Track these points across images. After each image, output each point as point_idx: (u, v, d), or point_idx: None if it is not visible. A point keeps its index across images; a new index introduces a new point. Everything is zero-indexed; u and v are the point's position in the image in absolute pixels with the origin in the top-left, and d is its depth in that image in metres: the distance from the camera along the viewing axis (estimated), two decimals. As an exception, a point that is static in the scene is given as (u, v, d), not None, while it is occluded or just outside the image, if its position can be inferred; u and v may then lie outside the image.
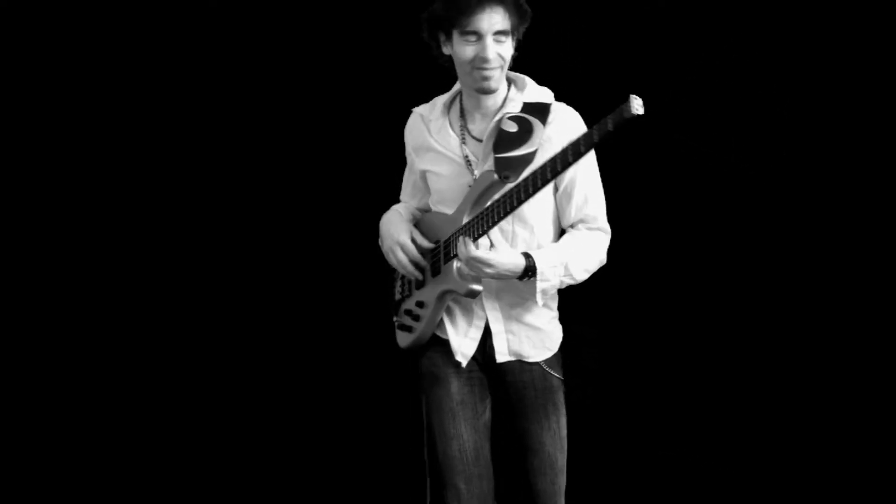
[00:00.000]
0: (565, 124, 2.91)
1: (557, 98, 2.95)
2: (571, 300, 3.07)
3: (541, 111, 2.90)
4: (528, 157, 2.84)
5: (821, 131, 4.05)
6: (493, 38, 2.80)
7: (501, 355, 2.94)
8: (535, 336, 2.95)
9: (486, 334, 2.94)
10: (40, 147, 4.25)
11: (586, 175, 2.94)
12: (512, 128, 2.87)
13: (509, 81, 2.93)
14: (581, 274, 2.89)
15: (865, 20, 4.01)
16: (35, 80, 4.22)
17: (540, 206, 2.90)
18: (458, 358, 2.94)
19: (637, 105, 2.59)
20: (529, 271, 2.82)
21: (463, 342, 2.95)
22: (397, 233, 2.97)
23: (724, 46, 4.08)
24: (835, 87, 4.05)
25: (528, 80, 2.95)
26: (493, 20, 2.79)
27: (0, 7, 4.19)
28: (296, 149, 4.29)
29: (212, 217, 4.31)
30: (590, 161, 2.94)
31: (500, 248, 2.89)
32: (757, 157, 4.00)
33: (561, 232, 2.96)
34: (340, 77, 4.25)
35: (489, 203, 2.81)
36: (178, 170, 4.29)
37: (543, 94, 2.95)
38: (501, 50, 2.82)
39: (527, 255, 2.83)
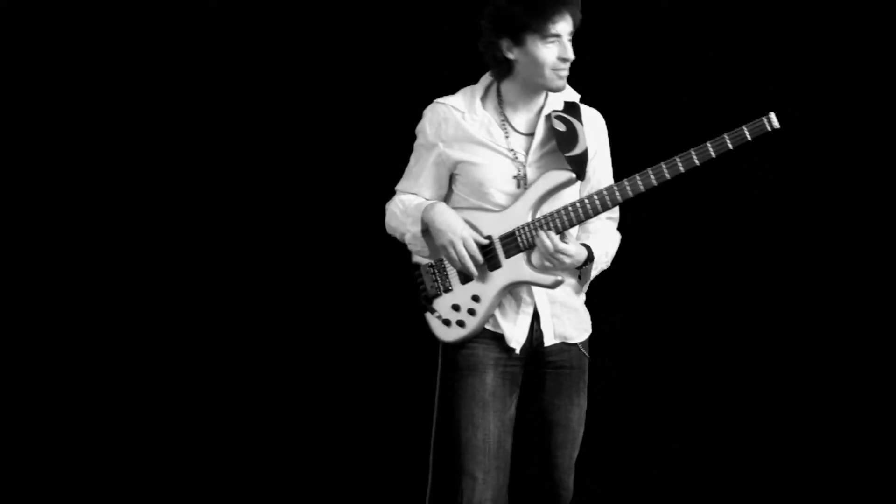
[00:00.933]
0: (594, 123, 3.06)
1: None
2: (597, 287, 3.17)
3: (575, 110, 3.02)
4: (584, 156, 2.96)
5: (820, 131, 4.11)
6: (568, 37, 2.90)
7: (549, 338, 3.02)
8: (575, 318, 3.07)
9: (532, 319, 3.01)
10: (40, 147, 4.22)
11: (608, 167, 3.11)
12: (561, 127, 2.96)
13: None
14: (610, 262, 3.08)
15: (865, 20, 4.08)
16: (35, 80, 4.19)
17: (572, 197, 3.00)
18: (513, 345, 2.99)
19: (775, 120, 2.79)
20: (588, 260, 2.97)
21: (514, 329, 3.00)
22: (459, 227, 2.95)
23: (728, 46, 4.14)
24: (834, 87, 4.12)
25: None
26: (570, 22, 2.89)
27: (0, 7, 4.16)
28: (295, 149, 4.28)
29: (210, 216, 4.29)
30: (608, 153, 3.10)
31: (570, 240, 2.99)
32: (765, 157, 4.00)
33: None
34: (340, 77, 4.26)
35: (577, 199, 2.91)
36: (178, 169, 4.27)
37: (572, 93, 3.06)
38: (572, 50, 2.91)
39: (586, 246, 2.98)
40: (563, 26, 2.87)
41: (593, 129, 3.05)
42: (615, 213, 3.14)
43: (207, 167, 4.28)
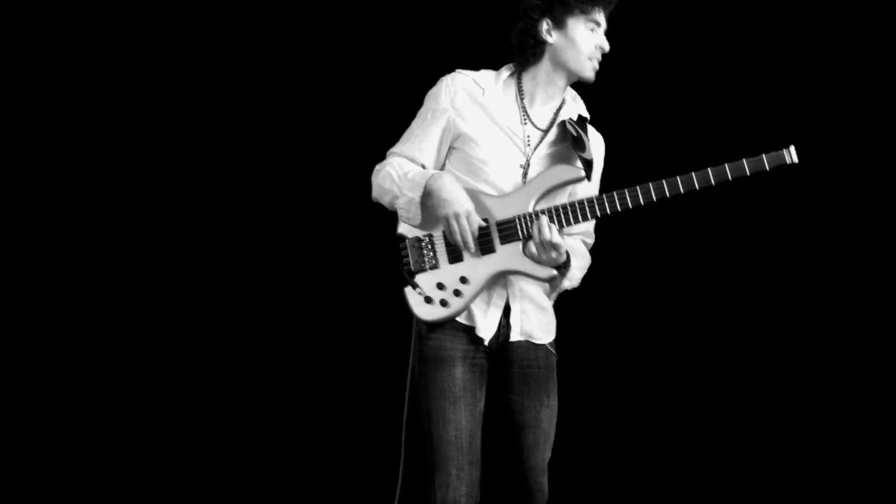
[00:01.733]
0: (597, 144, 3.09)
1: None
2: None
3: (584, 125, 3.03)
4: (591, 164, 2.94)
5: (820, 131, 4.09)
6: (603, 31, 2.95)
7: (515, 334, 3.00)
8: (542, 318, 3.05)
9: (502, 314, 2.99)
10: (39, 147, 4.22)
11: (597, 191, 3.09)
12: (574, 132, 2.96)
13: None
14: (579, 283, 3.07)
15: (865, 21, 4.10)
16: (35, 80, 4.20)
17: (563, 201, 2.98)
18: (482, 334, 2.95)
19: (794, 154, 2.83)
20: (564, 267, 2.95)
21: (485, 321, 2.97)
22: (466, 200, 2.88)
23: (725, 46, 4.15)
24: (835, 87, 4.13)
25: (576, 93, 3.10)
26: (606, 17, 2.96)
27: (0, 7, 4.17)
28: (294, 148, 4.29)
29: (207, 214, 4.31)
30: (599, 177, 3.11)
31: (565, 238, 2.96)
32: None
33: None
34: (339, 77, 4.27)
35: (587, 197, 2.90)
36: (177, 169, 4.28)
37: (585, 109, 3.09)
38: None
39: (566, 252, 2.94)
40: (603, 17, 2.94)
41: (596, 149, 3.07)
42: (591, 238, 3.14)
43: (204, 169, 4.30)
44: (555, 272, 2.91)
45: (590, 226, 3.12)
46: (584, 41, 2.93)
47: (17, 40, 4.19)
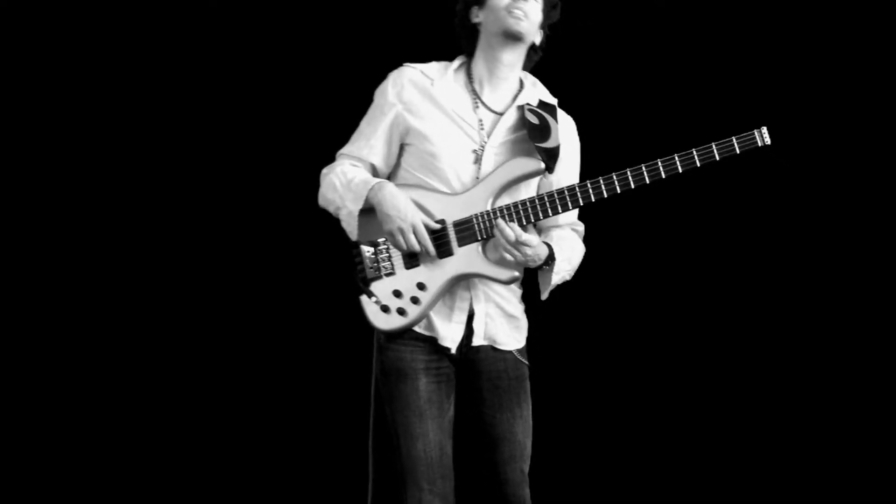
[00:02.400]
0: (568, 129, 2.99)
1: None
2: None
3: (551, 111, 2.93)
4: (556, 152, 2.85)
5: (819, 131, 4.06)
6: None
7: (478, 338, 2.90)
8: (508, 323, 2.95)
9: (468, 318, 2.90)
10: (39, 147, 4.23)
11: (576, 175, 3.01)
12: (534, 119, 2.86)
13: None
14: (573, 273, 2.97)
15: (865, 21, 4.06)
16: (35, 80, 4.20)
17: (529, 195, 2.90)
18: (447, 344, 2.87)
19: (766, 135, 2.71)
20: (548, 262, 2.85)
21: (450, 327, 2.88)
22: (411, 212, 2.80)
23: (724, 48, 4.10)
24: (835, 87, 4.08)
25: (536, 79, 3.01)
26: None
27: (0, 7, 4.19)
28: (293, 148, 4.22)
29: (204, 213, 4.28)
30: (577, 161, 3.01)
31: (532, 232, 2.87)
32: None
33: None
34: (339, 77, 4.20)
35: (545, 192, 2.81)
36: (176, 169, 4.26)
37: (549, 96, 2.99)
38: (533, 8, 2.86)
39: (548, 245, 2.86)
40: None
41: (566, 134, 2.97)
42: (580, 226, 3.04)
43: (204, 168, 4.28)
44: (516, 273, 2.81)
45: (571, 215, 3.00)
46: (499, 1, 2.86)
47: (17, 40, 4.20)
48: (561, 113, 2.97)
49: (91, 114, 4.24)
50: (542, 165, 2.81)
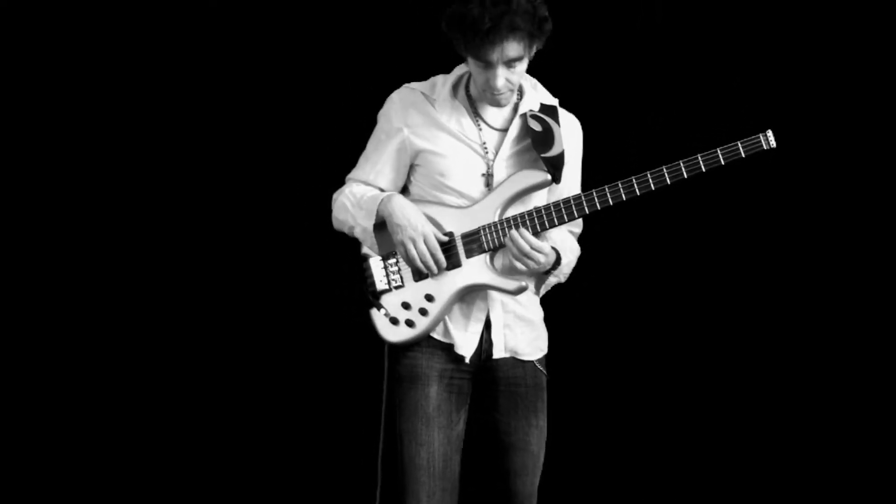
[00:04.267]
0: (571, 128, 2.95)
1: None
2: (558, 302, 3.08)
3: (552, 112, 2.89)
4: (561, 158, 2.83)
5: (818, 131, 4.05)
6: (505, 65, 2.73)
7: (499, 351, 2.87)
8: (530, 333, 2.93)
9: (484, 328, 2.87)
10: (38, 147, 4.22)
11: (577, 176, 2.99)
12: (537, 127, 2.83)
13: None
14: (567, 276, 2.96)
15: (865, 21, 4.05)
16: (35, 80, 4.19)
17: (539, 202, 2.88)
18: (462, 352, 2.84)
19: (772, 138, 2.69)
20: (556, 265, 2.84)
21: (465, 337, 2.86)
22: (420, 223, 2.80)
23: (724, 59, 4.09)
24: (835, 87, 4.07)
25: (536, 81, 2.96)
26: (506, 51, 2.70)
27: (0, 7, 4.18)
28: (292, 148, 4.25)
29: (203, 214, 4.28)
30: (579, 161, 2.98)
31: (544, 239, 2.84)
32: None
33: None
34: (338, 77, 4.22)
35: (555, 201, 2.79)
36: (175, 169, 4.26)
37: (549, 96, 2.95)
38: (512, 76, 2.75)
39: (554, 250, 2.83)
40: (495, 55, 2.69)
41: (569, 135, 2.94)
42: (578, 226, 3.03)
43: (203, 168, 4.27)
44: (524, 284, 2.79)
45: None
46: (477, 75, 2.77)
47: (17, 40, 4.20)
48: (562, 112, 2.93)
49: (92, 118, 4.23)
50: (549, 177, 2.80)
